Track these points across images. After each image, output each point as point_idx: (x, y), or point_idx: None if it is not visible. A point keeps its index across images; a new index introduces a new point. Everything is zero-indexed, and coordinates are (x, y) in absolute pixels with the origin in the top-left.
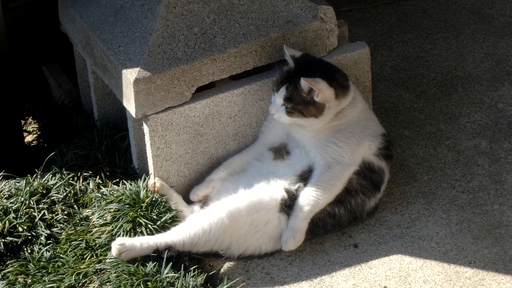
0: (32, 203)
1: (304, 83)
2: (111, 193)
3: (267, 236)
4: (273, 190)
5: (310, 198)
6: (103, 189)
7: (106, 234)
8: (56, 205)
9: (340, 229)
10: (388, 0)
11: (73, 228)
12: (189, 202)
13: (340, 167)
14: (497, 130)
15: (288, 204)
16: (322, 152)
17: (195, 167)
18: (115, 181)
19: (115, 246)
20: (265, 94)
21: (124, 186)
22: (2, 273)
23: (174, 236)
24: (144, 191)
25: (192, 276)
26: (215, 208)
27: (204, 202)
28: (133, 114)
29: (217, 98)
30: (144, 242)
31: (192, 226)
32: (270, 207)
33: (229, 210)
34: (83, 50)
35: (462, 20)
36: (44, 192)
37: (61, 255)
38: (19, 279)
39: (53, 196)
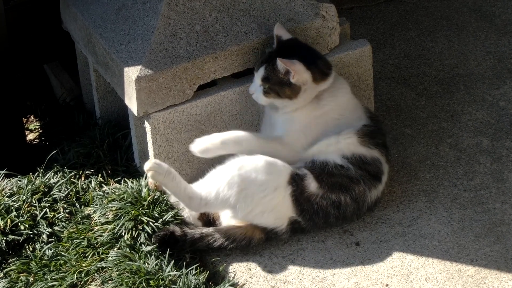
0: (34, 201)
1: (280, 63)
2: (112, 191)
3: (271, 205)
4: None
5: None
6: (105, 188)
7: (108, 232)
8: (58, 204)
9: (344, 222)
10: None
11: (75, 226)
12: None
13: (287, 148)
14: (499, 128)
15: (296, 180)
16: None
17: (196, 165)
18: (116, 179)
19: (151, 162)
20: None
21: (126, 184)
22: (4, 271)
23: (194, 187)
24: (146, 189)
25: (194, 274)
26: (230, 163)
27: None
28: (135, 112)
29: (219, 96)
30: (177, 176)
31: (208, 181)
32: (282, 173)
33: (242, 165)
34: (85, 48)
35: (464, 18)
36: (46, 190)
37: (63, 253)
38: (21, 277)
39: (55, 194)
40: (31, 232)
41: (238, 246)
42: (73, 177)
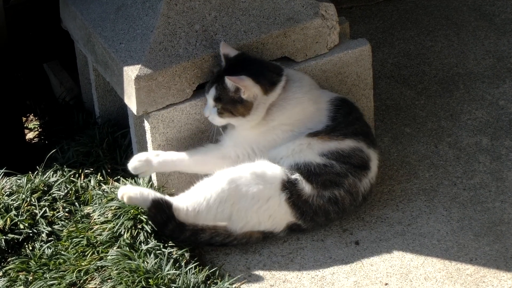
0: (33, 200)
1: (229, 81)
2: (112, 190)
3: (268, 214)
4: (275, 168)
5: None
6: (104, 187)
7: (107, 231)
8: (57, 202)
9: (343, 214)
10: None
11: (74, 225)
12: None
13: (227, 162)
14: (498, 127)
15: (288, 186)
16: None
17: None
18: (116, 178)
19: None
20: None
21: (125, 183)
22: (3, 270)
23: (178, 201)
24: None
25: (193, 273)
26: (218, 176)
27: None
28: (134, 111)
29: None
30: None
31: (195, 193)
32: (272, 182)
33: (232, 178)
34: (84, 47)
35: (463, 17)
36: (45, 189)
37: (62, 252)
38: (20, 276)
39: (54, 193)
40: (30, 231)
41: (239, 243)
42: (72, 176)
